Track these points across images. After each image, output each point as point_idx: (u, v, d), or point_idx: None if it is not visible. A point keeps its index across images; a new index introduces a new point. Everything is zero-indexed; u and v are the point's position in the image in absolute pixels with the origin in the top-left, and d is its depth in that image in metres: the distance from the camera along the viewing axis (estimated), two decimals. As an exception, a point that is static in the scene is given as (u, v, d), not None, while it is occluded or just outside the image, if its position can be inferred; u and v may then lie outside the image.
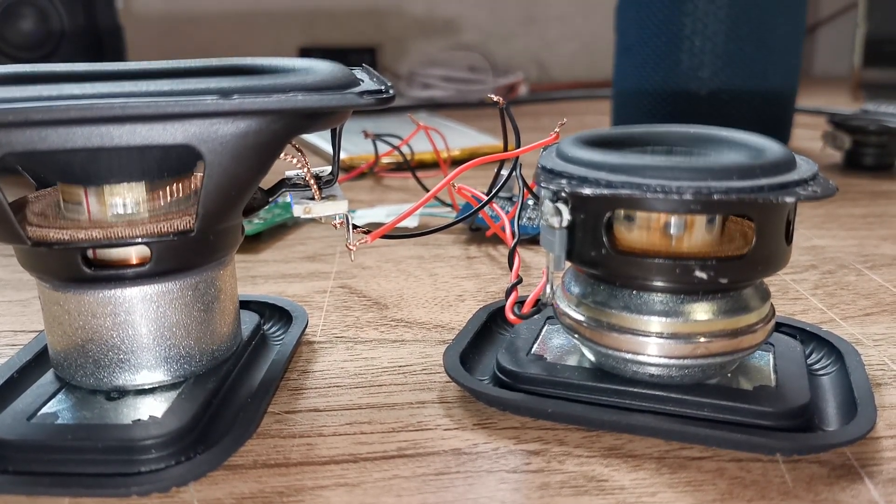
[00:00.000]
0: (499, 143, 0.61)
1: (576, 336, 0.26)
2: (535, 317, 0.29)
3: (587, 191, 0.22)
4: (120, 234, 0.23)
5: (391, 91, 0.23)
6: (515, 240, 0.31)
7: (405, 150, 0.56)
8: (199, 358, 0.26)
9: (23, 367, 0.27)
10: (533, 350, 0.28)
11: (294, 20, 1.08)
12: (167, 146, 0.22)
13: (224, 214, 0.24)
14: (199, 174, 0.26)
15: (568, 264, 0.26)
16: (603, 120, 0.80)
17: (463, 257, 0.41)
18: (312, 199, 0.26)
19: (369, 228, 0.29)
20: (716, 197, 0.21)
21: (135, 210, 0.24)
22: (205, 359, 0.26)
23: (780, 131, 0.65)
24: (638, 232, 0.24)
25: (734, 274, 0.23)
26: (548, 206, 0.24)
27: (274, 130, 0.23)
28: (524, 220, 0.43)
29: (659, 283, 0.24)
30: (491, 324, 0.31)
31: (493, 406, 0.26)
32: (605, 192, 0.22)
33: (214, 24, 1.08)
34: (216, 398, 0.25)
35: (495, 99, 0.33)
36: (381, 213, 0.47)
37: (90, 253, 0.24)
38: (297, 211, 0.25)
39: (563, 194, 0.24)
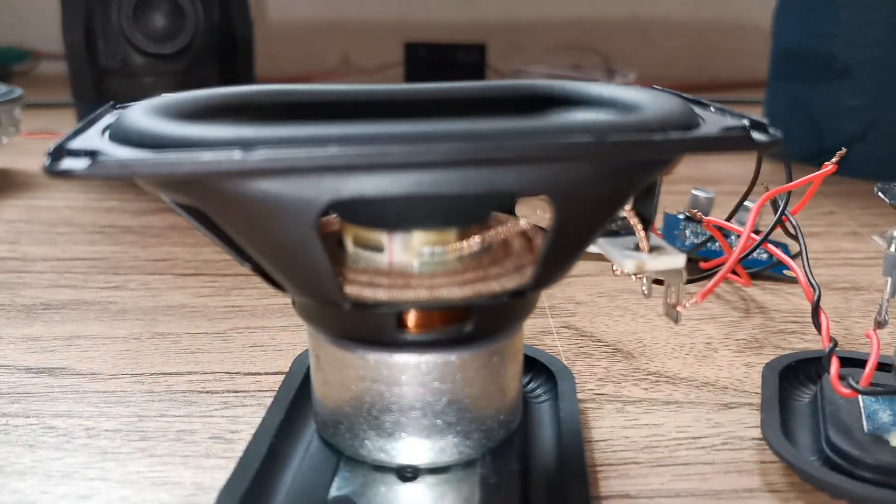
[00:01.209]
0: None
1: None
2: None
3: None
4: (448, 295, 0.19)
5: (776, 133, 0.19)
6: (817, 293, 0.27)
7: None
8: (498, 431, 0.22)
9: (280, 431, 0.23)
10: (865, 427, 0.24)
11: (395, 13, 1.05)
12: (511, 192, 0.18)
13: (562, 272, 0.20)
14: (506, 222, 0.22)
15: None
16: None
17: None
18: (637, 248, 0.22)
19: (659, 279, 0.25)
20: None
21: (445, 262, 0.20)
22: (502, 432, 0.22)
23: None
24: None
25: None
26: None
27: (629, 178, 0.19)
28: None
29: None
30: (783, 387, 0.27)
31: (835, 497, 0.22)
32: None
33: (318, 28, 1.06)
34: (524, 482, 0.21)
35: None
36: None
37: (406, 313, 0.20)
38: (629, 266, 0.21)
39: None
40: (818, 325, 0.26)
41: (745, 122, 0.19)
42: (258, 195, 0.17)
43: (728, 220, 0.35)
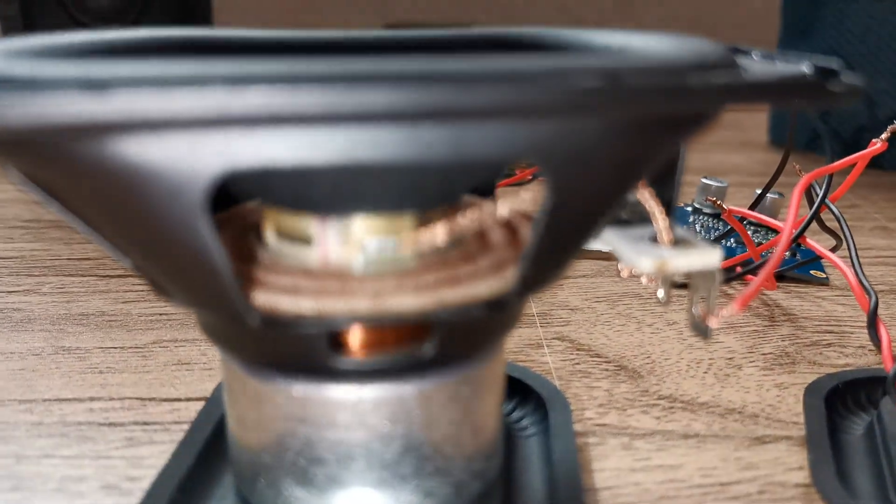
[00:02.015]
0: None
1: None
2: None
3: None
4: (399, 306, 0.14)
5: (853, 79, 0.14)
6: (874, 300, 0.21)
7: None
8: (469, 484, 0.17)
9: (186, 482, 0.18)
10: (941, 472, 0.19)
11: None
12: (486, 161, 0.13)
13: (556, 273, 0.15)
14: (480, 202, 0.17)
15: None
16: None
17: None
18: (655, 241, 0.16)
19: (678, 281, 0.19)
20: None
21: (399, 259, 0.15)
22: (475, 485, 0.17)
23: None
24: None
25: None
26: None
27: (649, 142, 0.14)
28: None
29: None
30: (832, 416, 0.22)
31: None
32: None
33: (295, 9, 1.00)
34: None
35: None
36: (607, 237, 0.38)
37: (344, 332, 0.15)
38: (646, 265, 0.16)
39: None
40: (877, 339, 0.21)
41: (805, 67, 0.14)
42: (118, 162, 0.11)
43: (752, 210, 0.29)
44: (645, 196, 0.17)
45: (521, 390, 0.22)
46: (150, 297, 0.30)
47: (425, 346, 0.15)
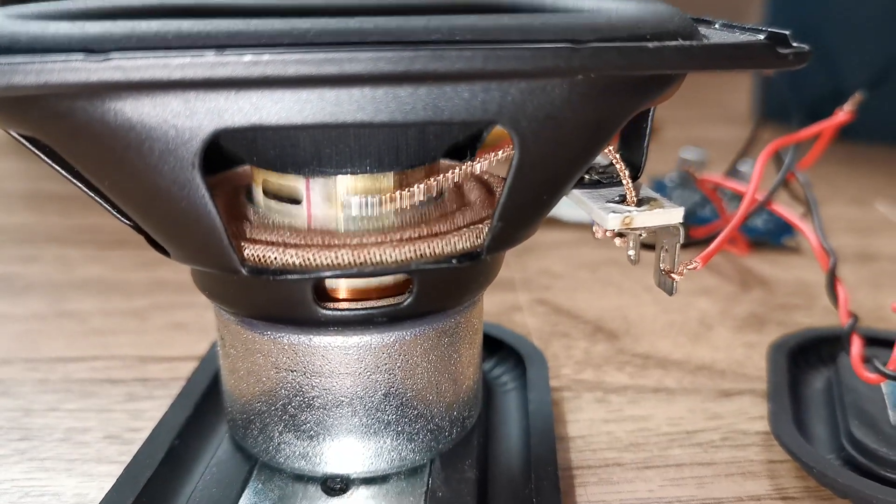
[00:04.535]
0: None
1: None
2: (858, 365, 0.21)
3: None
4: (379, 258, 0.15)
5: (802, 46, 0.15)
6: (833, 260, 0.22)
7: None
8: (449, 430, 0.18)
9: (184, 430, 0.19)
10: (892, 419, 0.20)
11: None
12: (459, 123, 0.14)
13: (529, 228, 0.16)
14: (456, 164, 0.18)
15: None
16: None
17: (671, 264, 0.33)
18: (623, 201, 0.17)
19: (647, 243, 0.20)
20: None
21: (380, 216, 0.16)
22: (455, 430, 0.18)
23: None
24: None
25: None
26: None
27: (615, 105, 0.15)
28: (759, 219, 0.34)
29: None
30: (793, 371, 0.23)
31: (855, 501, 0.18)
32: None
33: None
34: (482, 493, 0.17)
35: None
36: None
37: (326, 284, 0.16)
38: (612, 223, 0.17)
39: None
40: (835, 298, 0.22)
41: (762, 36, 0.15)
42: (115, 122, 0.13)
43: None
44: (614, 158, 0.18)
45: (501, 349, 0.23)
46: (147, 265, 0.31)
47: (406, 298, 0.16)
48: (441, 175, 0.16)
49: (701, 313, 0.28)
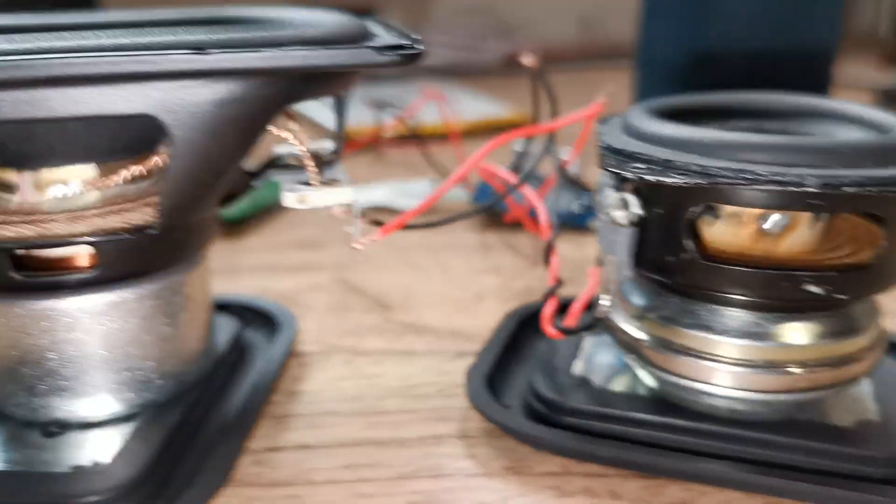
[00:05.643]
0: (517, 113, 0.55)
1: (633, 357, 0.21)
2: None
3: (677, 179, 0.17)
4: (59, 232, 0.18)
5: (419, 46, 0.18)
6: (553, 232, 0.25)
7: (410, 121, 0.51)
8: (161, 383, 0.21)
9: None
10: (573, 369, 0.23)
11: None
12: (122, 117, 0.17)
13: (194, 205, 0.19)
14: (164, 154, 0.21)
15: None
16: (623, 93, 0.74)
17: (479, 246, 0.36)
18: (308, 184, 0.20)
19: (378, 219, 0.23)
20: (850, 190, 0.16)
21: (80, 199, 0.19)
22: (168, 384, 0.21)
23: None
24: (725, 230, 0.19)
25: (857, 288, 0.18)
26: (611, 196, 0.18)
27: (263, 97, 0.18)
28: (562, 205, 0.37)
29: (753, 298, 0.19)
30: (522, 334, 0.26)
31: (529, 444, 0.21)
32: (702, 181, 0.16)
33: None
34: (180, 435, 0.20)
35: (527, 62, 0.28)
36: (385, 193, 0.42)
37: (21, 253, 0.18)
38: (290, 200, 0.20)
39: (637, 182, 0.18)
40: (547, 263, 0.25)
41: (406, 41, 0.18)
42: None
43: (514, 169, 0.33)
44: (300, 147, 0.21)
45: (263, 317, 0.26)
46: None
47: (91, 268, 0.19)
48: (127, 168, 0.19)
49: (481, 288, 0.31)
